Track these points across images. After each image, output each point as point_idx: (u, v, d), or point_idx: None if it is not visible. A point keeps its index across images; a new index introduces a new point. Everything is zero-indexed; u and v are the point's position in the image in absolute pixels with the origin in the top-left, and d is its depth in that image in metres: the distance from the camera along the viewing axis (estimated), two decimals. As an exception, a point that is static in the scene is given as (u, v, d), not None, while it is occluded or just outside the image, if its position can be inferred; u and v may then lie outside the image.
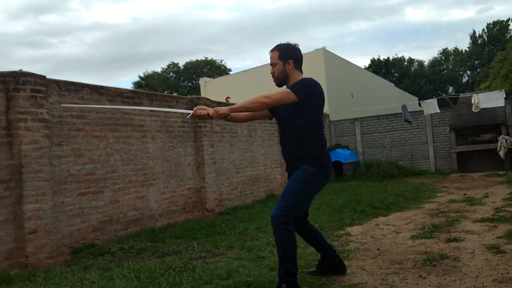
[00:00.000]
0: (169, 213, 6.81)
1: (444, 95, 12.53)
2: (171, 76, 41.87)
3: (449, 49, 49.09)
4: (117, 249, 5.01)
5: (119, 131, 6.05)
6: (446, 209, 6.46)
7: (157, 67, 69.56)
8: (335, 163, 12.38)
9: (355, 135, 13.79)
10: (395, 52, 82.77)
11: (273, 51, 3.24)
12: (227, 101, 10.56)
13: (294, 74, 3.20)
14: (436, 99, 12.12)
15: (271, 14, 74.21)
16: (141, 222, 6.26)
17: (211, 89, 18.42)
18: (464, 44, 74.90)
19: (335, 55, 16.91)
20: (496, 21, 42.36)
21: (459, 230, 4.91)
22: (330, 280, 3.36)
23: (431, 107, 11.90)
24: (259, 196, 9.54)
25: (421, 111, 12.86)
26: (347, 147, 13.51)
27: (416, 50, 74.18)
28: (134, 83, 42.09)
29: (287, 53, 3.20)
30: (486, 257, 3.75)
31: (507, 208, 6.12)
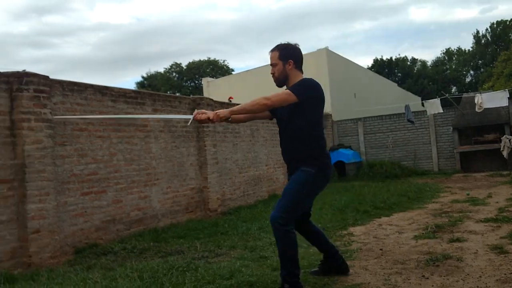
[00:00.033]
0: (172, 213, 6.82)
1: (447, 95, 12.48)
2: (174, 76, 41.95)
3: (452, 49, 49.02)
4: (120, 249, 5.03)
5: (122, 131, 6.06)
6: (449, 209, 6.44)
7: (160, 67, 69.74)
8: (337, 163, 12.38)
9: (358, 135, 13.77)
10: (398, 52, 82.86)
11: (273, 51, 3.22)
12: (230, 101, 10.55)
13: (294, 74, 3.19)
14: (439, 99, 12.11)
15: (274, 14, 74.32)
16: (144, 222, 6.27)
17: (213, 89, 18.42)
18: (467, 44, 74.74)
19: (337, 55, 16.89)
20: (500, 20, 42.35)
21: (462, 230, 4.89)
22: (333, 280, 3.36)
23: (434, 107, 11.88)
24: (261, 196, 9.54)
25: (424, 111, 12.85)
26: (350, 147, 13.49)
27: (420, 49, 74.16)
28: (137, 83, 42.25)
29: (287, 53, 3.18)
30: (489, 257, 3.74)
31: (510, 208, 6.09)
